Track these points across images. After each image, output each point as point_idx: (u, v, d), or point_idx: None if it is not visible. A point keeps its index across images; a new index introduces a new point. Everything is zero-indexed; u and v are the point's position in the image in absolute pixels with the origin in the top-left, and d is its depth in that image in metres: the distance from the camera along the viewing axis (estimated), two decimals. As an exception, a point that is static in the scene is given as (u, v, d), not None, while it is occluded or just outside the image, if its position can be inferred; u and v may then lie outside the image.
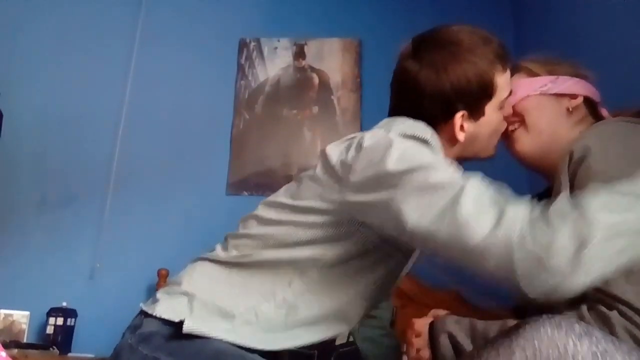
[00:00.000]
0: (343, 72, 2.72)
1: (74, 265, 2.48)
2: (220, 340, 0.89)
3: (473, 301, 2.21)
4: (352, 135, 0.96)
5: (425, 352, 1.04)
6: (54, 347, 2.15)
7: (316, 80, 2.72)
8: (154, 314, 0.92)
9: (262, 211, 1.03)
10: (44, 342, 2.21)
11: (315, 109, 2.67)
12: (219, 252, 1.02)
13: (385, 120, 1.02)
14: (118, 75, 2.74)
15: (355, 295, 0.98)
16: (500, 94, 1.01)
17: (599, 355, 0.71)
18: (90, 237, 2.52)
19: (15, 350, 1.99)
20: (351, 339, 1.89)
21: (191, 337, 0.89)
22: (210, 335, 0.88)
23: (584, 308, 0.92)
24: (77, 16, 2.87)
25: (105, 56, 2.79)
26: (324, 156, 0.97)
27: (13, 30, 2.85)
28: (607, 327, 0.87)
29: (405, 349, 1.86)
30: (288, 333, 0.94)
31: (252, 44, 2.79)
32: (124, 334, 0.96)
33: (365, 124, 2.61)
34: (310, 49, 2.76)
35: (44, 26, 2.85)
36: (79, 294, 2.41)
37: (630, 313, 0.87)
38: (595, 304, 0.92)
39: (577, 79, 1.14)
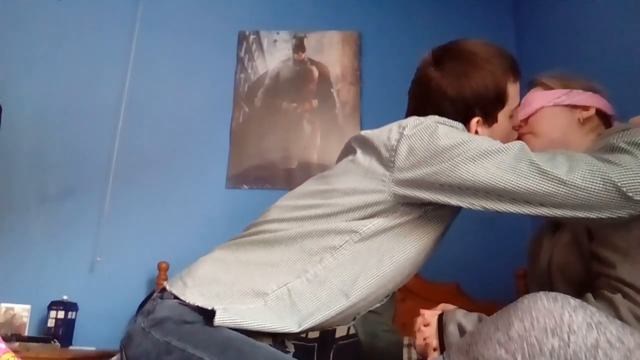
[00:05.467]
0: (343, 64, 2.71)
1: (74, 258, 2.49)
2: (237, 328, 0.89)
3: (472, 294, 2.22)
4: (389, 125, 1.02)
5: (433, 341, 1.08)
6: (55, 340, 2.16)
7: (316, 73, 2.71)
8: (185, 300, 0.92)
9: (289, 201, 1.05)
10: (45, 336, 2.22)
11: (315, 102, 2.67)
12: (243, 238, 1.03)
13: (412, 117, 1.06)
14: (117, 68, 2.74)
15: (387, 267, 0.99)
16: (511, 103, 1.09)
17: (594, 326, 0.74)
18: (91, 231, 2.52)
19: (17, 344, 1.99)
20: (351, 331, 1.90)
21: (203, 323, 0.90)
22: (243, 325, 0.89)
23: (589, 295, 0.96)
24: (75, 9, 2.86)
25: (104, 49, 2.79)
26: (363, 141, 1.02)
27: (11, 23, 2.84)
28: (612, 309, 0.91)
29: (407, 342, 1.87)
30: (322, 302, 0.95)
31: (252, 36, 2.78)
32: (136, 318, 0.97)
33: (365, 117, 2.61)
34: (310, 41, 2.76)
35: (42, 18, 2.84)
36: (80, 287, 2.42)
37: (633, 294, 0.91)
38: (601, 289, 0.95)
39: (590, 93, 1.20)
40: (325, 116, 2.64)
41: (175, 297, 0.94)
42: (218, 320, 0.88)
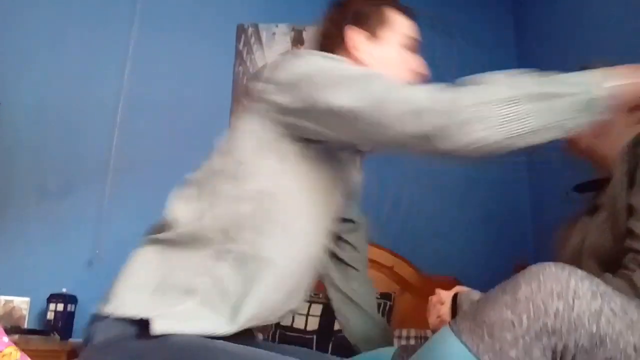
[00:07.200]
0: (342, 58, 2.70)
1: (73, 252, 2.49)
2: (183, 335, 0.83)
3: (470, 288, 2.24)
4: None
5: (448, 318, 1.11)
6: (55, 332, 2.17)
7: (315, 66, 2.70)
8: (120, 315, 0.87)
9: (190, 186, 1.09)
10: (44, 328, 2.23)
11: (314, 96, 2.66)
12: (156, 234, 1.05)
13: None
14: (116, 63, 2.73)
15: (293, 213, 0.96)
16: (396, 27, 1.11)
17: (599, 295, 0.75)
18: (90, 225, 2.52)
19: (17, 336, 2.00)
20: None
21: (144, 337, 0.83)
22: (184, 331, 0.83)
23: (608, 274, 0.95)
24: (74, 5, 2.84)
25: (102, 44, 2.77)
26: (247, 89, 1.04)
27: (10, 19, 2.82)
28: (631, 287, 0.90)
29: (397, 334, 1.87)
30: (248, 277, 0.90)
31: (251, 29, 2.77)
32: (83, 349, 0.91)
33: (363, 111, 2.61)
34: (309, 34, 2.75)
35: (41, 14, 2.83)
36: (79, 280, 2.42)
37: None
38: (623, 269, 0.95)
39: None
40: (324, 110, 2.64)
41: (108, 315, 0.89)
42: (157, 329, 0.81)
